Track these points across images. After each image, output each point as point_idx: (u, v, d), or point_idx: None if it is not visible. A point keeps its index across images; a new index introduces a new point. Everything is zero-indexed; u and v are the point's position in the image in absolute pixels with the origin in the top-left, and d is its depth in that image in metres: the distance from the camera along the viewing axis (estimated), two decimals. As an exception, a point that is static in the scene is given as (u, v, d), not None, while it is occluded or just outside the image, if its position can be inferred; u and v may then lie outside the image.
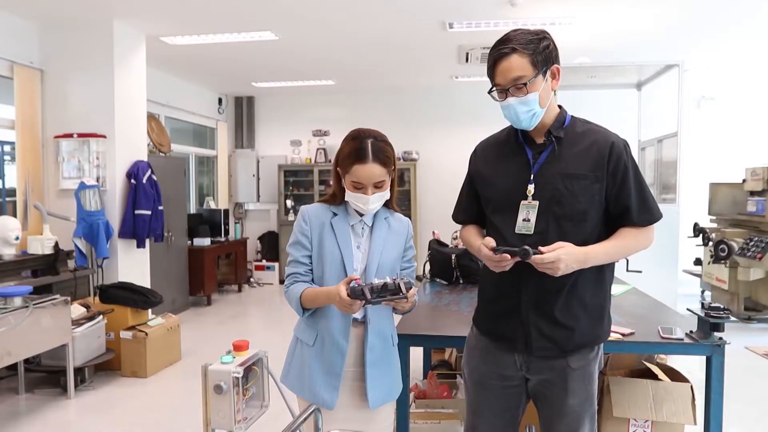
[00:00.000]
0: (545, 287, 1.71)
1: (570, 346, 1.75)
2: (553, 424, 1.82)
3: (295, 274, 1.91)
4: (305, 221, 1.92)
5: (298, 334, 1.97)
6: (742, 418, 3.73)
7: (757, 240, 5.86)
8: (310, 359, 1.90)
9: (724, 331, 2.16)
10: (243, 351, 1.29)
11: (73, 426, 3.78)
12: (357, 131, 1.89)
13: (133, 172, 5.37)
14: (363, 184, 1.82)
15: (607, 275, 1.81)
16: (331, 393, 1.85)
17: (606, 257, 1.71)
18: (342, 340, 1.87)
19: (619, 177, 1.71)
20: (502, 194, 1.78)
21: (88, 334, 4.29)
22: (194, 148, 8.68)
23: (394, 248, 1.96)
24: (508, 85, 1.66)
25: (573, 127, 1.77)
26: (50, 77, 5.29)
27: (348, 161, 1.83)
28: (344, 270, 1.86)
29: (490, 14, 5.22)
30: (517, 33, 1.67)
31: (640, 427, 2.57)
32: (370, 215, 1.93)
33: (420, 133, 8.61)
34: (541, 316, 1.74)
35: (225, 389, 1.21)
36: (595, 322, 1.79)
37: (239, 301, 7.92)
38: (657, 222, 1.76)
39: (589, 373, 1.80)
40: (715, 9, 5.17)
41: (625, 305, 2.90)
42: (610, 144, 1.72)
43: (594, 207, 1.71)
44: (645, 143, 6.28)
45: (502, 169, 1.82)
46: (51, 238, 4.74)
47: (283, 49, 6.32)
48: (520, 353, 1.79)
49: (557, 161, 1.73)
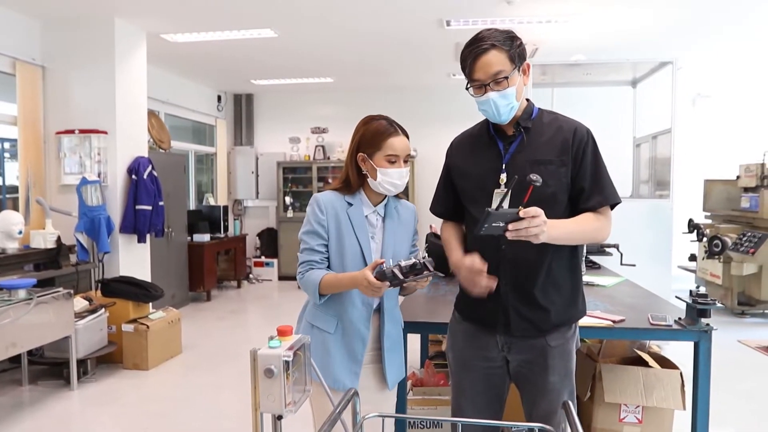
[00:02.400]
0: (523, 272, 1.81)
1: (547, 326, 1.84)
2: (536, 404, 1.89)
3: (310, 261, 1.93)
4: (321, 210, 1.94)
5: (312, 321, 1.99)
6: (735, 410, 3.80)
7: (750, 235, 5.93)
8: (331, 346, 1.95)
9: (711, 317, 2.23)
10: (288, 336, 1.32)
11: (75, 417, 3.85)
12: (371, 116, 1.99)
13: (134, 167, 5.43)
14: (398, 156, 1.90)
15: (578, 260, 1.92)
16: (352, 379, 1.93)
17: (566, 231, 1.73)
18: (364, 329, 1.95)
19: (578, 160, 1.79)
20: (476, 184, 1.87)
21: (90, 327, 4.35)
22: (194, 145, 8.74)
23: (406, 238, 2.05)
24: (488, 80, 1.74)
25: (540, 118, 1.87)
26: (52, 74, 5.35)
27: (379, 138, 1.91)
28: (364, 261, 1.91)
29: (487, 12, 5.28)
30: (491, 32, 1.76)
31: (631, 413, 2.64)
32: (382, 205, 2.00)
33: (418, 131, 8.55)
34: (519, 299, 1.83)
35: (276, 373, 1.23)
36: (569, 303, 1.88)
37: (238, 297, 7.97)
38: (610, 205, 1.82)
39: (568, 351, 1.88)
40: (711, 8, 5.23)
41: (617, 295, 2.97)
42: (573, 129, 1.81)
43: (562, 190, 1.79)
44: (640, 140, 6.34)
45: (475, 160, 1.90)
46: (53, 232, 4.79)
47: (282, 46, 6.38)
48: (501, 335, 1.87)
49: (526, 150, 1.82)
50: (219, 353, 5.23)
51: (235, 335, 6.03)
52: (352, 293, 1.92)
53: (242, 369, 4.85)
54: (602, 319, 2.38)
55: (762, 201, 6.06)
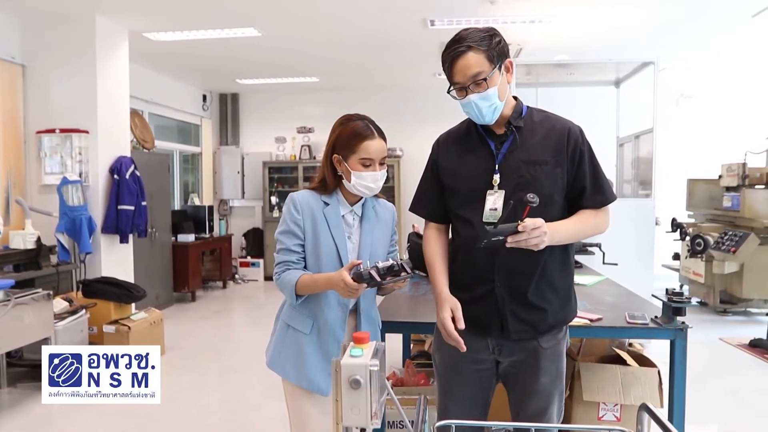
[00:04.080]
0: (517, 272, 1.78)
1: (544, 327, 1.83)
2: (525, 404, 1.88)
3: (286, 262, 1.90)
4: (297, 209, 1.91)
5: (288, 321, 1.97)
6: (716, 407, 3.83)
7: (732, 234, 5.99)
8: (307, 347, 1.93)
9: (686, 315, 2.24)
10: (366, 343, 1.23)
11: (55, 419, 3.80)
12: (348, 115, 1.95)
13: (116, 167, 5.38)
14: (373, 159, 1.87)
15: (571, 258, 1.90)
16: (326, 380, 1.90)
17: (568, 234, 1.76)
18: (339, 330, 1.92)
19: (576, 160, 1.79)
20: (468, 185, 1.83)
21: (70, 328, 4.30)
22: (179, 144, 8.67)
23: (383, 238, 2.02)
24: (467, 82, 1.72)
25: (531, 117, 1.85)
26: (32, 72, 5.28)
27: (355, 140, 1.87)
28: (340, 262, 1.89)
29: (471, 12, 5.29)
30: (469, 32, 1.73)
31: (609, 411, 2.66)
32: (359, 205, 1.97)
33: (404, 130, 8.64)
34: (515, 301, 1.80)
35: (363, 384, 1.14)
36: (564, 303, 1.87)
37: (224, 297, 7.94)
38: (610, 203, 1.84)
39: (559, 352, 1.88)
40: (694, 9, 5.28)
41: (597, 294, 2.98)
42: (567, 130, 1.80)
43: (558, 191, 1.78)
44: (623, 139, 6.38)
45: (465, 161, 1.86)
46: (33, 233, 4.74)
47: (266, 45, 6.35)
48: (494, 337, 1.85)
49: (519, 150, 1.79)
50: (203, 353, 5.20)
51: (219, 335, 6.00)
52: (329, 293, 1.90)
53: (226, 369, 4.83)
54: (580, 317, 2.39)
55: (743, 200, 6.12)
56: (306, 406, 1.95)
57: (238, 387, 4.37)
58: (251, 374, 4.52)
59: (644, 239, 5.15)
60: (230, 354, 5.28)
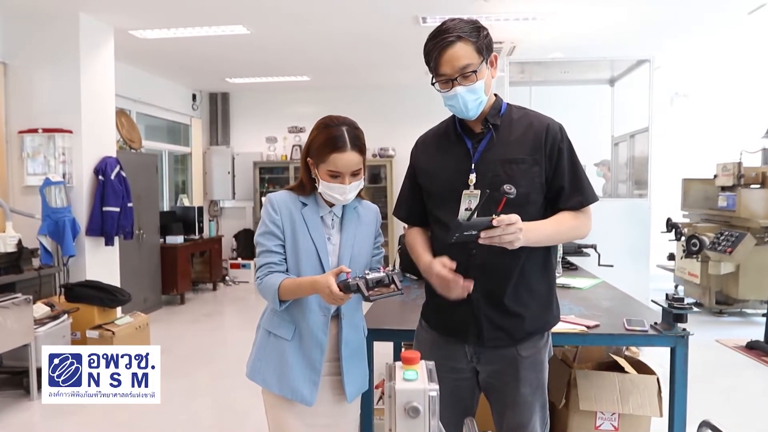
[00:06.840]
0: (494, 276, 1.71)
1: (521, 334, 1.75)
2: (506, 416, 1.81)
3: (269, 264, 1.82)
4: (275, 210, 1.84)
5: (269, 328, 1.89)
6: (712, 410, 3.76)
7: (728, 234, 5.93)
8: (288, 355, 1.84)
9: (687, 322, 2.15)
10: (417, 363, 1.07)
11: (36, 428, 3.70)
12: (328, 118, 1.83)
13: (101, 168, 5.26)
14: (341, 173, 1.77)
15: (552, 261, 1.83)
16: (311, 389, 1.82)
17: (544, 235, 1.68)
18: (321, 335, 1.83)
19: (554, 159, 1.71)
20: (444, 185, 1.77)
21: (51, 334, 4.18)
22: (168, 144, 8.55)
23: (366, 240, 1.92)
24: (455, 74, 1.64)
25: (509, 114, 1.77)
26: (14, 71, 5.15)
27: (324, 150, 1.76)
28: (320, 264, 1.82)
29: (463, 9, 5.19)
30: (456, 22, 1.66)
31: (607, 420, 2.57)
32: (339, 206, 1.88)
33: (396, 130, 8.55)
34: (491, 306, 1.73)
35: (421, 411, 1.02)
36: (544, 308, 1.80)
37: (214, 300, 7.82)
38: (590, 204, 1.76)
39: (540, 361, 1.80)
40: (688, 6, 5.22)
41: (593, 298, 2.89)
42: (545, 126, 1.72)
43: (535, 190, 1.71)
44: (618, 138, 6.30)
45: (442, 160, 1.80)
46: (14, 235, 4.60)
47: (255, 44, 6.23)
48: (471, 345, 1.78)
49: (496, 148, 1.72)
50: (193, 357, 5.09)
51: (209, 339, 5.89)
52: (310, 297, 1.81)
53: (216, 373, 4.72)
54: (576, 324, 2.30)
55: (739, 200, 6.06)
56: (288, 417, 1.86)
57: (227, 392, 4.26)
58: (242, 379, 4.39)
59: (640, 240, 5.07)
60: (220, 358, 5.17)
